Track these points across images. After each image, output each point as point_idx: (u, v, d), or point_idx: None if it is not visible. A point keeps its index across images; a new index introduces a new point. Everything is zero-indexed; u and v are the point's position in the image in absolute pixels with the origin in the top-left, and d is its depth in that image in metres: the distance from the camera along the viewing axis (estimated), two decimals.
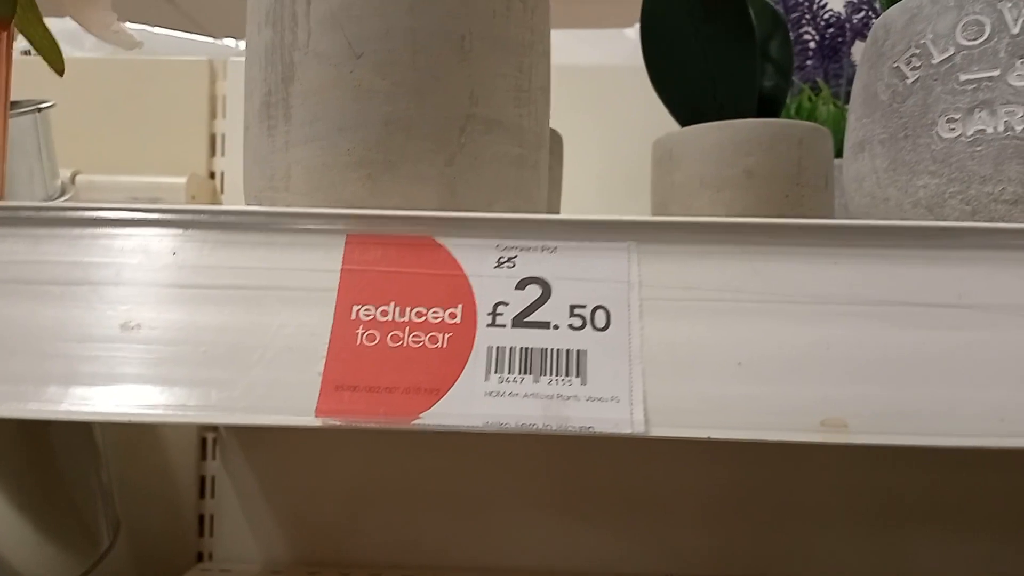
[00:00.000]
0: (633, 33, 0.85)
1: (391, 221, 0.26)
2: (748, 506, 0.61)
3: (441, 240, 0.26)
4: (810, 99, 0.62)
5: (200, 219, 0.26)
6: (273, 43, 0.30)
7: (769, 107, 0.51)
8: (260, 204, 0.31)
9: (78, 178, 0.70)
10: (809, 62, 0.67)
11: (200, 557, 0.66)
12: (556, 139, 0.52)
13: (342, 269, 0.25)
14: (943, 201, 0.34)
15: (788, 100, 0.64)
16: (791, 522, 0.61)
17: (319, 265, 0.26)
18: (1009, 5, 0.33)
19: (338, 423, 0.23)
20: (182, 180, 0.70)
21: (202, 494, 0.66)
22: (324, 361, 0.24)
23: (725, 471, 0.61)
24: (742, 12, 0.48)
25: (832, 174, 0.49)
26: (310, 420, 0.23)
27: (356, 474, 0.63)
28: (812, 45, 0.65)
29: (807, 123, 0.47)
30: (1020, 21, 0.33)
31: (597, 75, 0.73)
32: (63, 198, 0.61)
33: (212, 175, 0.73)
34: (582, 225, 0.26)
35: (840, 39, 0.64)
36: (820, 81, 0.64)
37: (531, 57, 0.32)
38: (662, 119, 0.54)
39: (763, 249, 0.25)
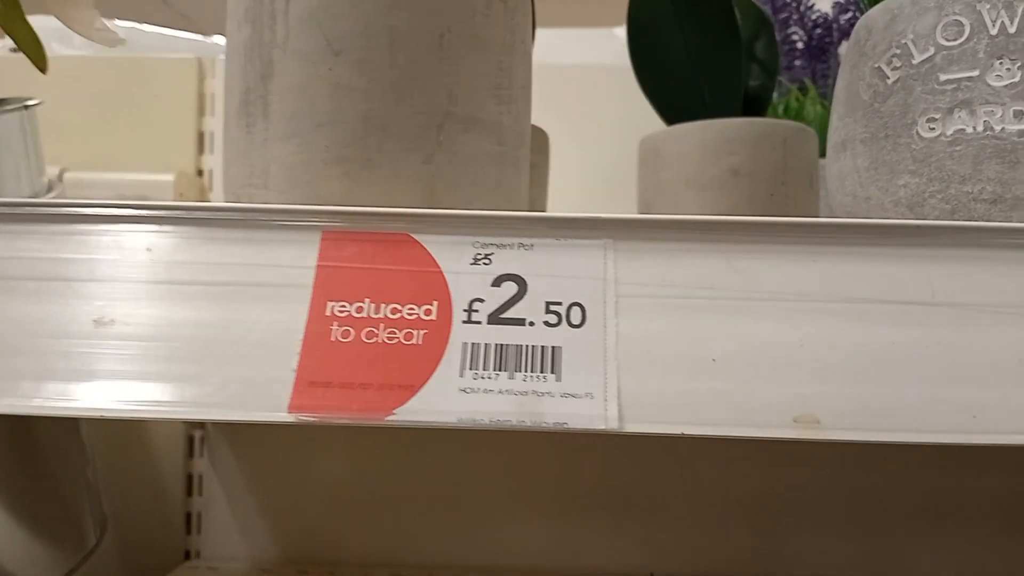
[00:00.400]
0: (623, 32, 0.85)
1: (367, 218, 0.26)
2: (737, 506, 0.61)
3: (417, 237, 0.26)
4: (797, 99, 0.63)
5: (175, 215, 0.26)
6: (252, 40, 0.30)
7: (755, 106, 0.51)
8: (239, 201, 0.31)
9: (66, 176, 0.70)
10: (797, 62, 0.67)
11: (187, 555, 0.66)
12: (543, 137, 0.52)
13: (317, 265, 0.25)
14: (923, 200, 0.34)
15: (775, 100, 0.64)
16: (780, 522, 0.61)
17: (294, 261, 0.26)
18: (988, 6, 0.34)
19: (311, 419, 0.23)
20: (170, 178, 0.70)
21: (189, 492, 0.66)
22: (298, 357, 0.24)
23: (714, 471, 0.61)
24: (727, 13, 0.48)
25: (817, 173, 0.49)
26: (283, 416, 0.23)
27: (344, 472, 0.63)
28: (800, 45, 0.65)
29: (792, 123, 0.48)
30: (999, 22, 0.33)
31: (586, 74, 0.73)
32: (50, 195, 0.61)
33: (200, 173, 0.73)
34: (558, 222, 0.26)
35: (828, 39, 0.64)
36: (807, 81, 0.64)
37: (512, 56, 0.32)
38: (651, 118, 0.54)
39: (739, 247, 0.25)
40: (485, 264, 0.25)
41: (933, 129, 0.34)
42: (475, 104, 0.30)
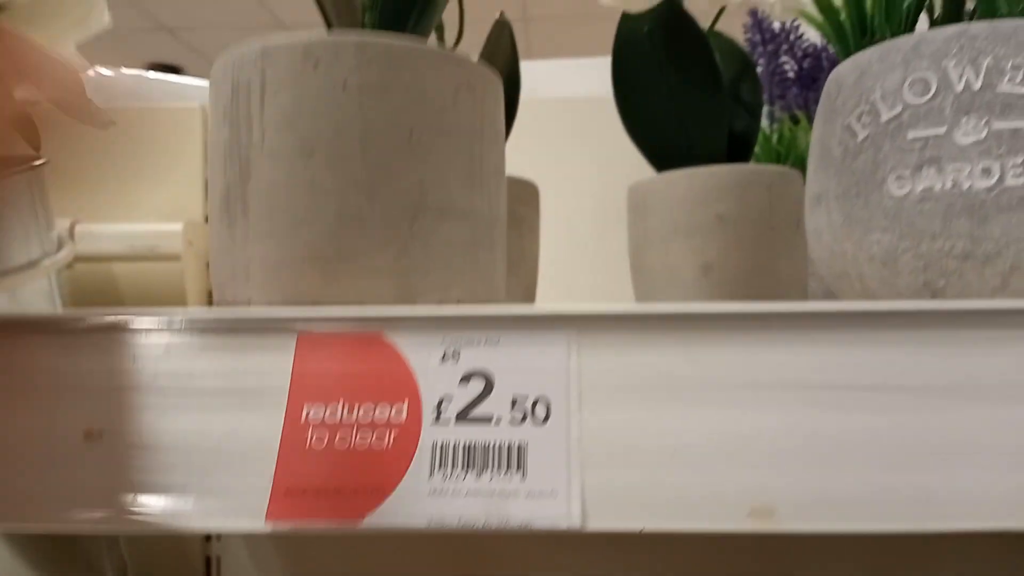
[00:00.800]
0: None
1: (340, 319, 0.27)
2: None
3: (388, 335, 0.27)
4: (790, 129, 0.63)
5: (156, 324, 0.27)
6: (231, 140, 0.32)
7: (741, 148, 0.52)
8: (224, 296, 0.32)
9: (77, 228, 0.71)
10: (793, 89, 0.68)
11: None
12: (531, 189, 0.53)
13: (293, 369, 0.26)
14: (896, 257, 0.35)
15: (769, 130, 0.65)
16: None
17: (271, 366, 0.27)
18: (953, 63, 0.34)
19: (288, 527, 0.24)
20: (179, 227, 0.71)
21: (208, 536, 0.67)
22: (275, 464, 0.25)
23: None
24: (708, 58, 0.48)
25: (804, 215, 0.49)
26: (261, 525, 0.24)
27: None
28: (791, 75, 0.65)
29: (775, 167, 0.48)
30: (964, 79, 0.34)
31: (580, 106, 0.74)
32: (61, 252, 0.63)
33: (207, 220, 0.74)
34: (524, 319, 0.27)
35: (818, 68, 0.64)
36: (800, 113, 0.64)
37: (482, 142, 0.33)
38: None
39: (696, 337, 0.26)
40: (453, 362, 0.26)
41: (902, 187, 0.35)
42: (446, 194, 0.31)
